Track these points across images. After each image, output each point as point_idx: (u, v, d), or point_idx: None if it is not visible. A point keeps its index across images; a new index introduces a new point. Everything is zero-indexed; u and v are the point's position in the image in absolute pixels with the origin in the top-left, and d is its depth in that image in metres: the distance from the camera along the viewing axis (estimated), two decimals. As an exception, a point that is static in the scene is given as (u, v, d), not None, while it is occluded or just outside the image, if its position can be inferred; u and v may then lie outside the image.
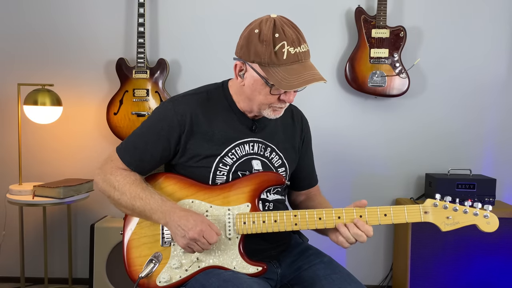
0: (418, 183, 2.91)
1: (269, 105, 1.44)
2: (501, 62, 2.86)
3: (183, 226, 1.36)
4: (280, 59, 1.36)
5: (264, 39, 1.36)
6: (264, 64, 1.37)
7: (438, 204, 1.42)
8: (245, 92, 1.46)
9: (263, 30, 1.37)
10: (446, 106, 2.88)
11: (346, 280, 1.44)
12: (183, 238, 1.36)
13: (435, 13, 2.84)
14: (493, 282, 2.58)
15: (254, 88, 1.42)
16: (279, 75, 1.35)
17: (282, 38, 1.35)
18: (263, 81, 1.39)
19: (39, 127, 2.82)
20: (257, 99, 1.44)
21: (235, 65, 1.45)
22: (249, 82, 1.43)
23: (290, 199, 1.74)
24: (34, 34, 2.85)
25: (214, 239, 1.36)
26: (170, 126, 1.47)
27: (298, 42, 1.37)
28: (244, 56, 1.41)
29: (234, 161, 1.49)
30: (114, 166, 1.49)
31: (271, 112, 1.46)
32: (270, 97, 1.42)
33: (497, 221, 1.40)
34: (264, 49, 1.36)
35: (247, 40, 1.39)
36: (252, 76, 1.41)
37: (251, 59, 1.38)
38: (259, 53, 1.36)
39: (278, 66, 1.36)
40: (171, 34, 2.86)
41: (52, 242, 2.91)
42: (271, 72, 1.36)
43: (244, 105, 1.51)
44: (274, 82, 1.36)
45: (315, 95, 2.86)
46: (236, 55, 1.45)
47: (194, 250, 1.38)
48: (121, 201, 1.44)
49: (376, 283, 2.98)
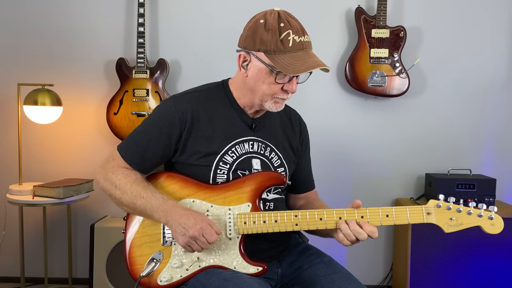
0: (418, 183, 2.91)
1: (272, 95, 1.45)
2: (501, 62, 2.86)
3: (184, 224, 1.36)
4: (286, 46, 1.38)
5: (270, 28, 1.38)
6: (270, 51, 1.38)
7: (442, 205, 1.39)
8: (248, 84, 1.47)
9: (269, 20, 1.40)
10: (446, 106, 2.88)
11: (346, 280, 1.44)
12: (184, 236, 1.36)
13: (435, 13, 2.84)
14: (494, 282, 2.58)
15: (258, 77, 1.43)
16: (285, 61, 1.37)
17: (287, 27, 1.39)
18: (267, 69, 1.40)
19: (39, 127, 2.82)
20: (261, 89, 1.44)
21: (239, 56, 1.46)
22: (253, 72, 1.44)
23: (289, 203, 1.72)
24: (34, 34, 2.85)
25: (214, 238, 1.36)
26: (171, 123, 1.47)
27: (302, 32, 1.41)
28: (249, 45, 1.42)
29: (234, 159, 1.50)
30: (116, 164, 1.49)
31: (273, 104, 1.47)
32: (274, 87, 1.43)
33: (502, 222, 1.37)
34: (270, 37, 1.38)
35: (253, 30, 1.41)
36: (256, 66, 1.42)
37: (257, 47, 1.40)
38: (265, 41, 1.38)
39: (284, 53, 1.38)
40: (171, 34, 2.86)
41: (52, 242, 2.91)
42: (276, 59, 1.38)
43: (246, 99, 1.51)
44: (281, 68, 1.37)
45: (315, 95, 2.86)
46: (239, 47, 1.47)
47: (194, 249, 1.38)
48: (123, 199, 1.45)
49: (376, 283, 2.98)
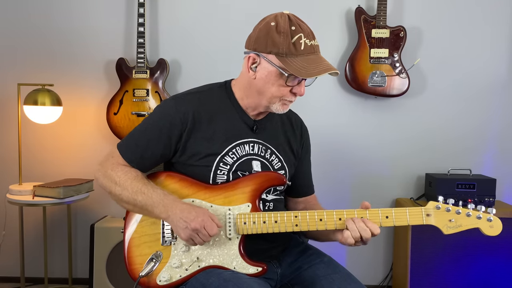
0: (418, 183, 2.91)
1: (280, 98, 1.45)
2: (501, 62, 2.85)
3: (185, 218, 1.36)
4: (298, 49, 1.39)
5: (282, 31, 1.39)
6: (281, 54, 1.39)
7: (441, 207, 1.40)
8: (256, 85, 1.46)
9: (280, 22, 1.40)
10: (446, 106, 2.88)
11: (346, 280, 1.44)
12: (186, 230, 1.36)
13: (435, 13, 2.84)
14: (494, 282, 2.58)
15: (268, 80, 1.43)
16: (298, 64, 1.38)
17: (298, 31, 1.39)
18: (278, 72, 1.40)
19: (39, 127, 2.82)
20: (269, 92, 1.44)
21: (248, 58, 1.45)
22: (262, 74, 1.43)
23: (288, 207, 1.71)
24: (34, 34, 2.85)
25: (215, 230, 1.36)
26: (172, 123, 1.47)
27: (312, 36, 1.42)
28: (259, 47, 1.42)
29: (235, 160, 1.49)
30: (115, 162, 1.49)
31: (280, 106, 1.47)
32: (283, 89, 1.43)
33: (500, 224, 1.37)
34: (282, 40, 1.38)
35: (264, 32, 1.41)
36: (265, 68, 1.42)
37: (268, 50, 1.40)
38: (277, 44, 1.39)
39: (296, 56, 1.39)
40: (171, 34, 2.86)
41: (52, 242, 2.91)
42: (288, 62, 1.38)
43: (250, 100, 1.51)
44: (293, 71, 1.37)
45: (315, 95, 2.86)
46: (247, 48, 1.46)
47: (196, 243, 1.38)
48: (122, 196, 1.44)
49: (376, 283, 2.98)
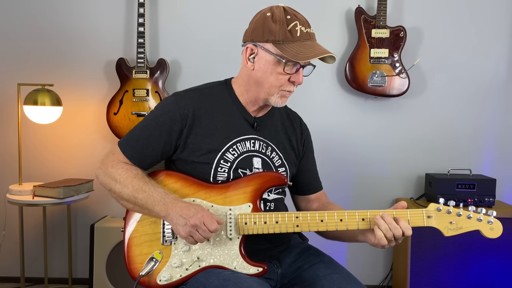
0: (418, 183, 2.91)
1: (279, 87, 1.46)
2: (501, 62, 2.86)
3: (185, 215, 1.36)
4: (294, 35, 1.41)
5: (278, 19, 1.42)
6: (278, 41, 1.41)
7: (442, 209, 1.40)
8: (255, 77, 1.47)
9: (275, 12, 1.43)
10: (446, 106, 2.88)
11: (346, 280, 1.44)
12: (185, 226, 1.35)
13: (435, 13, 2.84)
14: (493, 282, 2.58)
15: (266, 69, 1.44)
16: (295, 49, 1.40)
17: (294, 19, 1.42)
18: (276, 60, 1.42)
19: (39, 127, 2.82)
20: (268, 81, 1.45)
21: (246, 49, 1.47)
22: (260, 63, 1.45)
23: (301, 207, 1.70)
24: (34, 34, 2.85)
25: (214, 226, 1.35)
26: (172, 120, 1.47)
27: (308, 24, 1.45)
28: (256, 37, 1.44)
29: (235, 157, 1.49)
30: (116, 159, 1.49)
31: (279, 98, 1.48)
32: (281, 78, 1.44)
33: (501, 227, 1.38)
34: (278, 28, 1.41)
35: (260, 23, 1.44)
36: (263, 58, 1.44)
37: (265, 38, 1.42)
38: (273, 31, 1.41)
39: (293, 42, 1.41)
40: (171, 34, 2.86)
41: (52, 242, 2.91)
42: (285, 48, 1.40)
43: (250, 94, 1.52)
44: (290, 56, 1.39)
45: (315, 95, 2.86)
46: (244, 41, 1.49)
47: (196, 240, 1.37)
48: (123, 194, 1.44)
49: (376, 283, 2.98)
